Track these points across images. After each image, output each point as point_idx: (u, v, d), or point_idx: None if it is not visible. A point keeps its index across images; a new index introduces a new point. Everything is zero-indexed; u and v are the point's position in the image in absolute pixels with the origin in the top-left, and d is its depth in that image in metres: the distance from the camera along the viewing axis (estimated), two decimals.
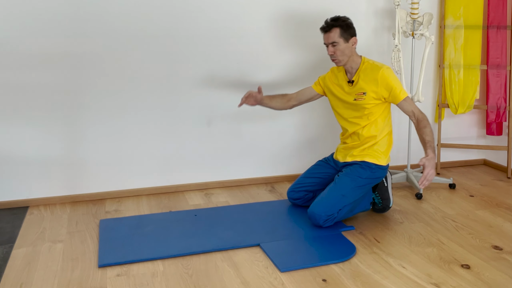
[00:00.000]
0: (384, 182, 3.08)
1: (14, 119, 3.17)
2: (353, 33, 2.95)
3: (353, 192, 2.90)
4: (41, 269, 2.48)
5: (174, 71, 3.38)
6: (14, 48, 3.09)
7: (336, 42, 2.90)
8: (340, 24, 2.91)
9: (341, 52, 2.92)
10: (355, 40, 2.95)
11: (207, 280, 2.36)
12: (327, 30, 2.94)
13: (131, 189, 3.46)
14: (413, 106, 2.90)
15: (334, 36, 2.90)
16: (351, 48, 2.95)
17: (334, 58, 2.96)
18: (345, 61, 2.96)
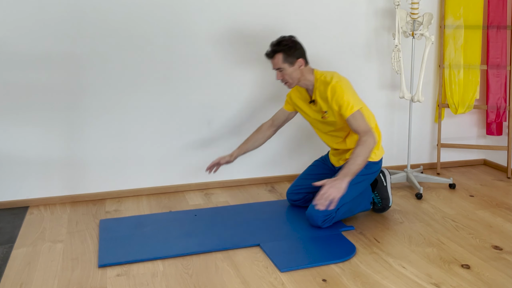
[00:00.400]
0: (383, 182, 3.07)
1: (14, 119, 3.17)
2: (299, 54, 2.85)
3: (350, 190, 2.86)
4: (41, 269, 2.48)
5: (174, 71, 3.38)
6: (14, 48, 3.09)
7: (281, 68, 2.84)
8: (282, 48, 2.82)
9: (289, 76, 2.86)
10: (301, 62, 2.86)
11: (207, 280, 2.36)
12: (270, 56, 2.86)
13: (131, 189, 3.46)
14: (360, 123, 2.75)
15: (278, 62, 2.84)
16: (299, 70, 2.86)
17: (284, 82, 2.91)
18: (296, 83, 2.90)
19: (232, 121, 3.57)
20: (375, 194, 3.07)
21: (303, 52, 2.90)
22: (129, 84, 3.32)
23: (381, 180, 3.08)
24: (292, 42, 2.87)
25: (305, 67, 2.90)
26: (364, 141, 2.69)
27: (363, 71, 3.76)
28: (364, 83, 3.78)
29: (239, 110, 3.53)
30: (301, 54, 2.88)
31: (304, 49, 2.91)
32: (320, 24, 3.60)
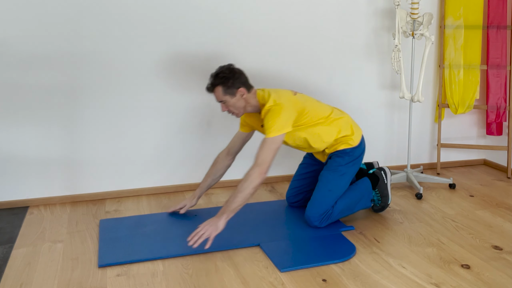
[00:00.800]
0: (384, 179, 3.06)
1: (14, 119, 3.17)
2: (239, 83, 2.75)
3: (339, 183, 2.87)
4: (41, 269, 2.48)
5: (174, 71, 3.38)
6: (14, 48, 3.09)
7: (223, 100, 2.77)
8: (219, 81, 2.74)
9: (233, 107, 2.79)
10: (243, 91, 2.75)
11: (207, 280, 2.36)
12: (210, 90, 2.80)
13: (131, 189, 3.46)
14: (263, 151, 2.62)
15: (219, 95, 2.76)
16: (242, 99, 2.78)
17: (230, 113, 2.84)
18: (243, 112, 2.83)
19: (232, 121, 3.56)
20: (375, 192, 3.07)
21: (243, 79, 2.80)
22: (129, 84, 3.32)
23: (382, 178, 3.07)
24: (229, 72, 2.77)
25: (248, 93, 2.79)
26: (250, 175, 2.58)
27: (363, 71, 3.76)
28: (364, 83, 3.78)
29: None
30: (241, 83, 2.77)
31: (243, 75, 2.80)
32: (320, 24, 3.60)
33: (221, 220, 2.57)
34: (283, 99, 2.75)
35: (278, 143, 2.68)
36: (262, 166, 2.61)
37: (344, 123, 2.94)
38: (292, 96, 2.84)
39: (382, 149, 3.93)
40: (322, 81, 3.69)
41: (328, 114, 2.91)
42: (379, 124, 3.88)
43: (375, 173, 3.10)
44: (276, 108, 2.70)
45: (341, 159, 2.91)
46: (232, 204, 2.58)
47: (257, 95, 2.83)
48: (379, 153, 3.92)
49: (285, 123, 2.70)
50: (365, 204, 3.02)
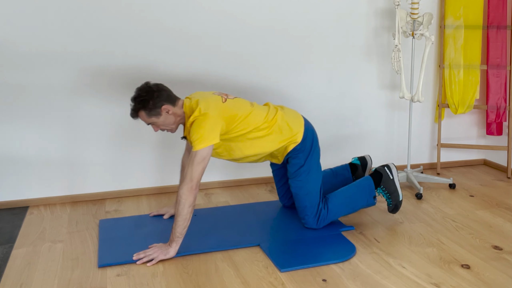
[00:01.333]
0: (388, 175, 2.92)
1: (14, 119, 3.17)
2: (160, 101, 2.60)
3: (310, 181, 2.80)
4: (41, 269, 2.48)
5: (173, 71, 3.38)
6: (14, 48, 3.09)
7: (151, 122, 2.65)
8: (139, 106, 2.60)
9: (164, 126, 2.67)
10: (167, 108, 2.61)
11: (207, 280, 2.36)
12: (134, 117, 2.65)
13: (131, 189, 3.46)
14: (193, 165, 2.50)
15: (145, 120, 2.64)
16: (170, 116, 2.64)
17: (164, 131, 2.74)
18: (176, 126, 2.71)
19: None
20: (382, 189, 2.93)
21: (165, 95, 2.64)
22: (129, 84, 3.32)
23: (386, 173, 2.93)
24: (147, 93, 2.61)
25: (174, 108, 2.65)
26: (181, 196, 2.49)
27: (363, 71, 3.76)
28: (364, 83, 3.78)
29: None
30: (163, 100, 2.62)
31: (164, 91, 2.65)
32: (320, 24, 3.60)
33: (171, 247, 2.53)
34: (210, 108, 2.59)
35: (205, 156, 2.52)
36: (191, 183, 2.49)
37: (281, 122, 2.77)
38: (220, 103, 2.65)
39: (382, 149, 3.93)
40: (322, 81, 3.69)
41: (264, 118, 2.74)
42: (379, 124, 3.88)
43: (378, 169, 2.98)
44: (201, 119, 2.55)
45: (297, 159, 2.82)
46: (177, 229, 2.51)
47: (184, 105, 2.67)
48: (379, 153, 3.92)
49: (210, 134, 2.54)
50: (367, 201, 2.91)
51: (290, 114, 2.86)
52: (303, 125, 2.85)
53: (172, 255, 2.54)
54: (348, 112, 3.79)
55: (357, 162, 3.24)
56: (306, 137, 2.84)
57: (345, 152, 3.78)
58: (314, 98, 3.68)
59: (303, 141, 2.82)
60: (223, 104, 2.67)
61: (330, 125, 3.75)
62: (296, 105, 3.53)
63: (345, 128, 3.81)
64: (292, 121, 2.83)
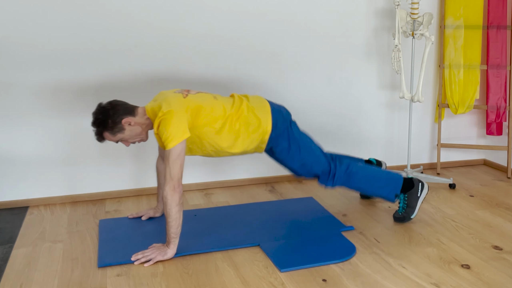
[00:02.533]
0: (418, 191, 2.92)
1: (14, 119, 3.17)
2: (118, 116, 2.57)
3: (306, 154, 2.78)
4: (41, 269, 2.48)
5: (173, 70, 3.38)
6: (14, 48, 3.09)
7: (119, 140, 2.64)
8: (101, 129, 2.59)
9: (132, 138, 2.66)
10: (128, 121, 2.59)
11: (207, 280, 2.36)
12: (100, 140, 2.65)
13: (131, 189, 3.46)
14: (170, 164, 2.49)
15: (111, 138, 2.63)
16: (134, 127, 2.62)
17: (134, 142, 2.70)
18: (145, 134, 2.69)
19: None
20: (404, 198, 2.92)
21: (121, 109, 2.60)
22: (129, 84, 3.32)
23: (417, 188, 2.92)
24: (102, 114, 2.58)
25: (135, 118, 2.62)
26: (166, 197, 2.48)
27: (363, 71, 3.76)
28: (364, 83, 3.78)
29: None
30: (121, 114, 2.59)
31: (119, 106, 2.61)
32: (320, 24, 3.60)
33: (169, 249, 2.53)
34: (171, 105, 2.55)
35: (180, 152, 2.50)
36: (172, 182, 2.49)
37: (247, 113, 2.71)
38: (181, 99, 2.62)
39: (382, 149, 3.93)
40: (322, 81, 3.69)
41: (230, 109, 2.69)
42: (379, 124, 3.88)
43: (413, 179, 2.96)
44: (166, 117, 2.51)
45: (279, 146, 2.78)
46: (170, 230, 2.51)
47: (147, 111, 2.64)
48: (379, 153, 3.92)
49: (179, 129, 2.51)
50: (388, 193, 2.89)
51: (255, 102, 2.78)
52: (270, 112, 2.77)
53: (170, 256, 2.54)
54: (348, 112, 3.79)
55: (373, 160, 3.29)
56: (276, 122, 2.76)
57: (344, 152, 3.77)
58: (314, 98, 3.68)
59: (274, 127, 2.75)
60: (185, 99, 2.63)
61: (330, 125, 3.75)
62: (296, 105, 3.53)
63: (345, 128, 3.81)
64: (258, 110, 2.75)
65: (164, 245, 2.57)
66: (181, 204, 2.53)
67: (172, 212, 2.49)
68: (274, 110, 2.79)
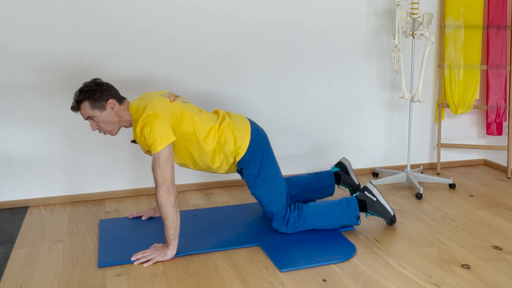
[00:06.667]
0: (372, 198, 2.83)
1: (14, 119, 3.17)
2: (107, 95, 2.56)
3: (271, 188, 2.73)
4: (41, 269, 2.48)
5: (173, 71, 3.38)
6: (14, 48, 3.09)
7: (91, 116, 2.57)
8: (85, 96, 2.54)
9: (105, 123, 2.58)
10: (113, 103, 2.56)
11: (207, 280, 2.36)
12: (76, 109, 2.58)
13: (131, 189, 3.46)
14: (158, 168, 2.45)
15: (86, 111, 2.55)
16: (114, 113, 2.58)
17: (103, 131, 2.62)
18: (117, 127, 2.62)
19: None
20: (372, 213, 2.85)
21: (113, 91, 2.61)
22: (129, 84, 3.32)
23: (368, 198, 2.84)
24: (95, 85, 2.58)
25: (119, 106, 2.60)
26: (160, 200, 2.46)
27: (363, 71, 3.76)
28: (364, 83, 3.78)
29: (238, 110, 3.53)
30: (111, 94, 2.58)
31: (113, 88, 2.63)
32: (320, 24, 3.60)
33: (169, 250, 2.53)
34: (156, 108, 2.52)
35: (168, 155, 2.47)
36: (165, 184, 2.46)
37: (226, 131, 2.68)
38: (168, 103, 2.59)
39: (382, 149, 3.93)
40: (322, 81, 3.69)
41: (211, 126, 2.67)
42: (379, 124, 3.88)
43: (358, 197, 2.85)
44: (150, 120, 2.47)
45: (249, 169, 2.73)
46: (169, 232, 2.51)
47: (130, 107, 2.62)
48: (379, 153, 3.93)
49: (164, 133, 2.47)
50: (349, 220, 2.81)
51: (236, 121, 2.75)
52: (249, 133, 2.73)
53: (169, 257, 2.54)
54: (348, 112, 3.79)
55: (336, 169, 3.16)
56: (254, 145, 2.72)
57: (345, 152, 3.78)
58: (314, 98, 3.68)
59: (250, 150, 2.70)
60: (171, 103, 2.61)
61: (330, 125, 3.75)
62: (296, 105, 3.53)
63: (345, 128, 3.81)
64: (238, 129, 2.71)
65: (164, 246, 2.57)
66: (177, 205, 2.51)
67: (168, 215, 2.48)
68: (254, 133, 2.75)
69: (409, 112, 3.69)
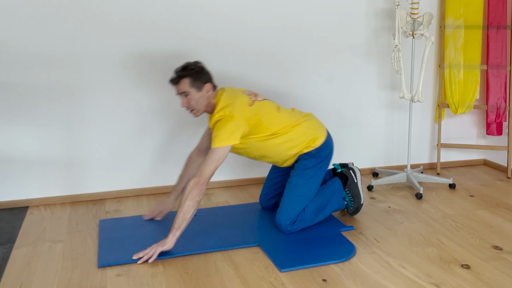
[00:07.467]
0: (353, 178, 3.00)
1: (14, 119, 3.17)
2: (206, 79, 2.75)
3: (307, 186, 2.82)
4: (41, 269, 2.48)
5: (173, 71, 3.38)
6: (14, 48, 3.09)
7: (187, 92, 2.72)
8: (188, 73, 2.71)
9: (196, 102, 2.74)
10: (209, 87, 2.75)
11: (207, 280, 2.36)
12: (176, 82, 2.74)
13: (131, 189, 3.47)
14: (208, 162, 2.58)
15: (184, 87, 2.71)
16: (206, 97, 2.75)
17: (190, 109, 2.77)
18: (203, 110, 2.78)
19: None
20: (346, 192, 2.98)
21: (210, 77, 2.79)
22: (129, 85, 3.32)
23: (351, 176, 3.00)
24: (198, 67, 2.77)
25: (212, 92, 2.78)
26: (189, 192, 2.54)
27: (363, 71, 3.77)
28: (364, 83, 3.79)
29: None
30: (209, 79, 2.77)
31: (211, 74, 2.80)
32: (320, 24, 3.60)
33: (168, 239, 2.56)
34: (236, 110, 2.68)
35: (222, 154, 2.60)
36: (200, 176, 2.56)
37: (305, 128, 2.86)
38: (246, 107, 2.74)
39: (382, 149, 3.93)
40: (322, 81, 3.69)
41: (287, 124, 2.83)
42: (379, 124, 3.89)
43: (344, 172, 3.03)
44: (226, 119, 2.64)
45: (307, 161, 2.84)
46: (176, 220, 2.55)
47: (216, 97, 2.78)
48: (379, 153, 3.93)
49: (232, 135, 2.62)
50: (337, 203, 2.94)
51: (315, 124, 2.93)
52: (327, 136, 2.91)
53: (169, 246, 2.55)
54: (348, 112, 3.79)
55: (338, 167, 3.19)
56: (326, 147, 2.89)
57: (345, 152, 3.78)
58: (314, 98, 3.68)
59: (321, 148, 2.86)
60: (249, 107, 2.75)
61: (330, 125, 3.74)
62: (296, 105, 3.53)
63: (345, 128, 3.81)
64: (318, 129, 2.90)
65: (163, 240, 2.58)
66: (198, 202, 2.57)
67: (185, 204, 2.54)
68: (329, 139, 2.93)
69: (409, 112, 3.69)
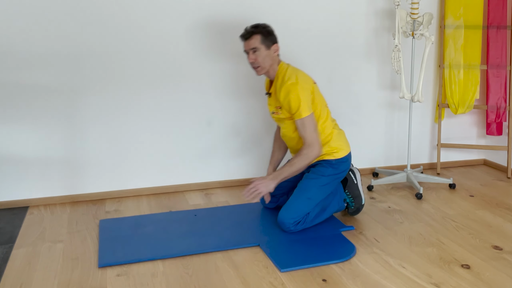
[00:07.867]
0: (353, 180, 3.03)
1: (14, 119, 3.17)
2: (275, 40, 2.88)
3: (319, 192, 2.85)
4: (41, 269, 2.48)
5: (173, 71, 3.38)
6: (14, 48, 3.09)
7: (257, 48, 2.82)
8: (260, 30, 2.83)
9: (262, 59, 2.83)
10: (276, 48, 2.88)
11: (207, 280, 2.36)
12: (247, 37, 2.84)
13: (131, 189, 3.46)
14: (307, 132, 2.77)
15: (255, 43, 2.82)
16: (273, 56, 2.86)
17: (256, 66, 2.85)
18: (267, 69, 2.87)
19: (232, 121, 3.57)
20: (346, 194, 3.02)
21: (277, 40, 2.92)
22: (129, 84, 3.32)
23: (351, 178, 3.04)
24: (269, 27, 2.90)
25: (278, 56, 2.91)
26: (304, 154, 2.78)
27: (363, 71, 3.76)
28: (364, 83, 3.78)
29: (238, 109, 3.53)
30: (276, 40, 2.90)
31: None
32: (320, 24, 3.60)
33: (273, 183, 2.77)
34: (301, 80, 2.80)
35: (311, 120, 2.78)
36: (313, 144, 2.77)
37: (336, 135, 2.95)
38: (312, 83, 2.89)
39: (382, 149, 3.93)
40: (322, 81, 3.69)
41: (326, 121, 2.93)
42: (379, 124, 3.89)
43: None
44: (295, 88, 2.75)
45: (325, 169, 2.88)
46: (283, 172, 2.79)
47: (280, 65, 2.89)
48: (379, 153, 3.93)
49: (308, 102, 2.79)
50: (338, 205, 2.97)
51: (344, 136, 3.02)
52: (349, 153, 2.98)
53: (272, 189, 2.78)
54: (348, 112, 3.79)
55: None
56: (345, 161, 2.93)
57: None
58: None
59: (341, 161, 2.91)
60: (313, 84, 2.90)
61: None
62: None
63: (345, 128, 3.79)
64: (345, 143, 2.98)
65: (265, 180, 2.77)
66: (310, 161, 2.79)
67: (301, 166, 2.78)
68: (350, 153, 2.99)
69: (409, 112, 3.69)
